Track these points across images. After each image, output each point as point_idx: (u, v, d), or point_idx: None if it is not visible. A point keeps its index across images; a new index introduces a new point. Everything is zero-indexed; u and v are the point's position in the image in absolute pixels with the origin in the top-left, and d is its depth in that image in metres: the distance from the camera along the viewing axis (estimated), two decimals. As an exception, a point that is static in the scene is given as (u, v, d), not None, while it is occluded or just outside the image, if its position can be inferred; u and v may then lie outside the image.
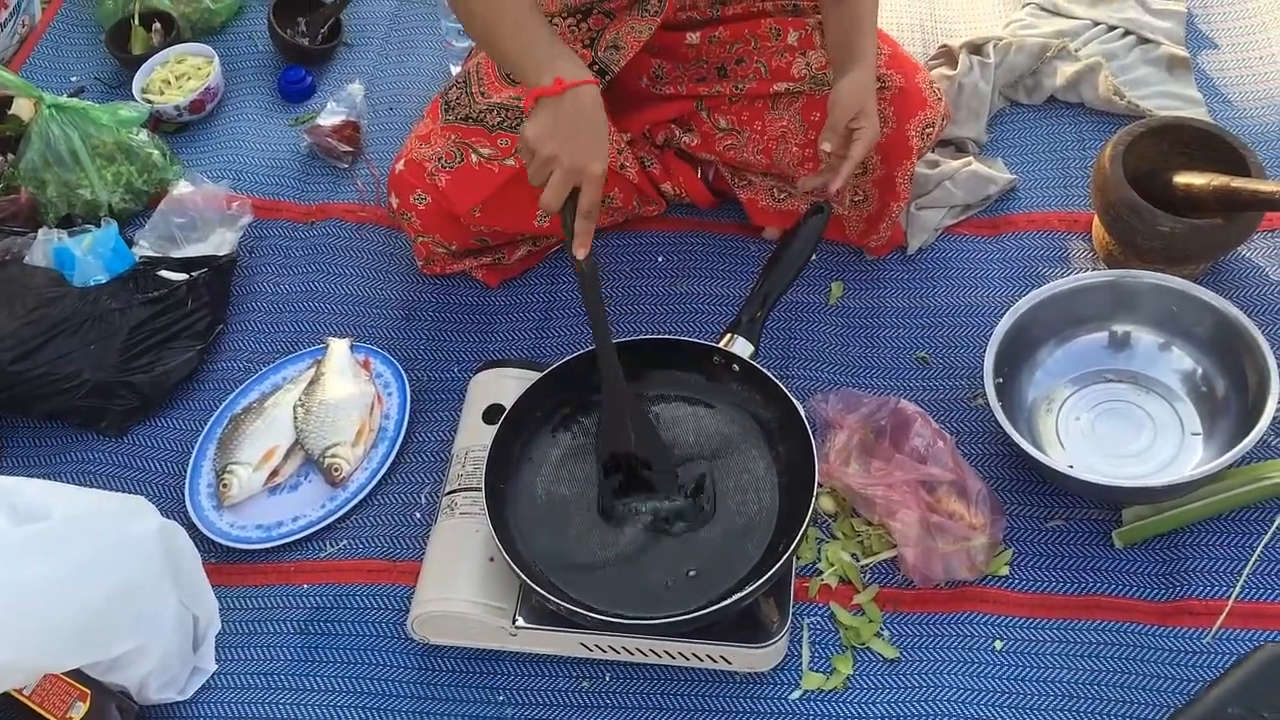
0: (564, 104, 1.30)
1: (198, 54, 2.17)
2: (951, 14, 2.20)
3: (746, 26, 1.77)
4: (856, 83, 1.53)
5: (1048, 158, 1.96)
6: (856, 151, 1.51)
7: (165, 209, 1.90)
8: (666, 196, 1.91)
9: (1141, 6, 2.09)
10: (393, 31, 2.29)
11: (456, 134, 1.68)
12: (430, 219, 1.72)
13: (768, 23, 1.76)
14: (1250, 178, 1.63)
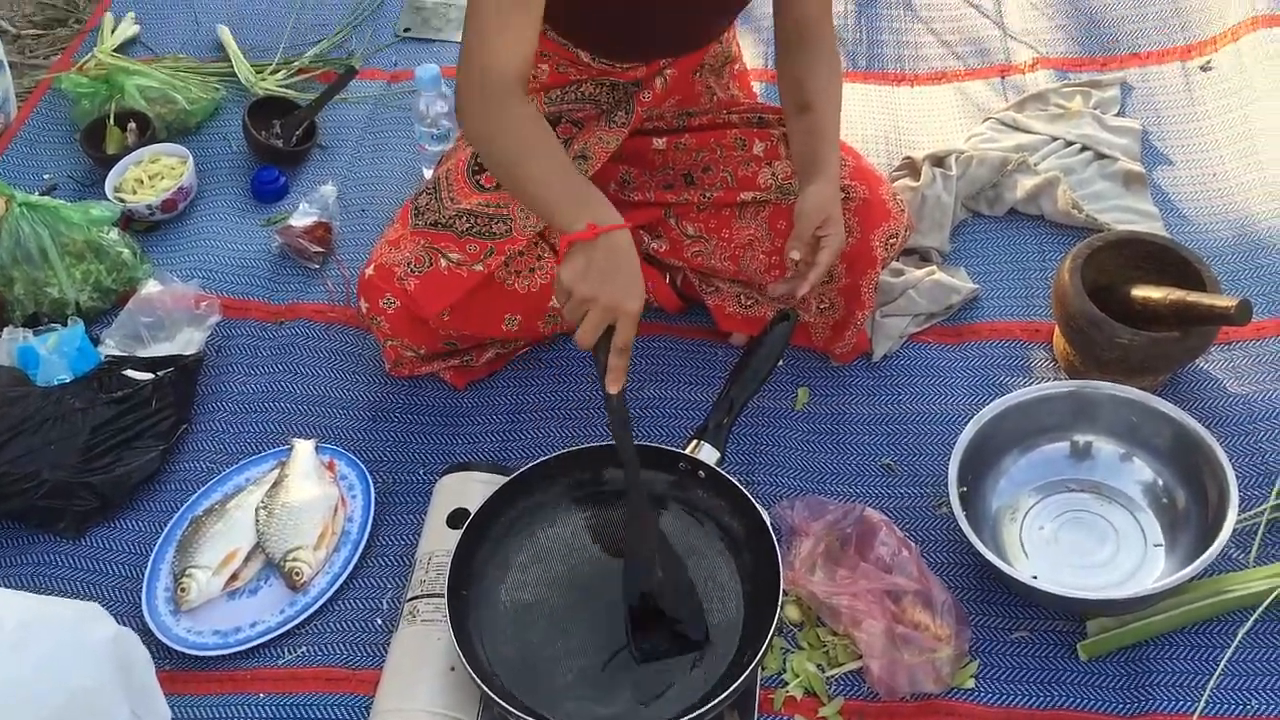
0: (598, 248, 1.33)
1: (172, 154, 2.19)
2: (915, 127, 2.25)
3: (712, 136, 1.82)
4: (822, 192, 1.56)
5: (1009, 268, 1.99)
6: (823, 259, 1.54)
7: (133, 308, 1.90)
8: None
9: (1098, 123, 2.16)
10: (367, 135, 2.32)
11: (426, 239, 1.70)
12: (399, 322, 1.73)
13: (733, 133, 1.80)
14: (1206, 292, 1.67)
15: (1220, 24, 2.29)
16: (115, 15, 2.53)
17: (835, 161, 1.61)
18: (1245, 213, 2.01)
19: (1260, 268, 1.92)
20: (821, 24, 1.69)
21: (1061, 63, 2.32)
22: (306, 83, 2.41)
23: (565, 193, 1.40)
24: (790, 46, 1.70)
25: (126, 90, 2.25)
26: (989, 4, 2.47)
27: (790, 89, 1.69)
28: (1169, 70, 2.26)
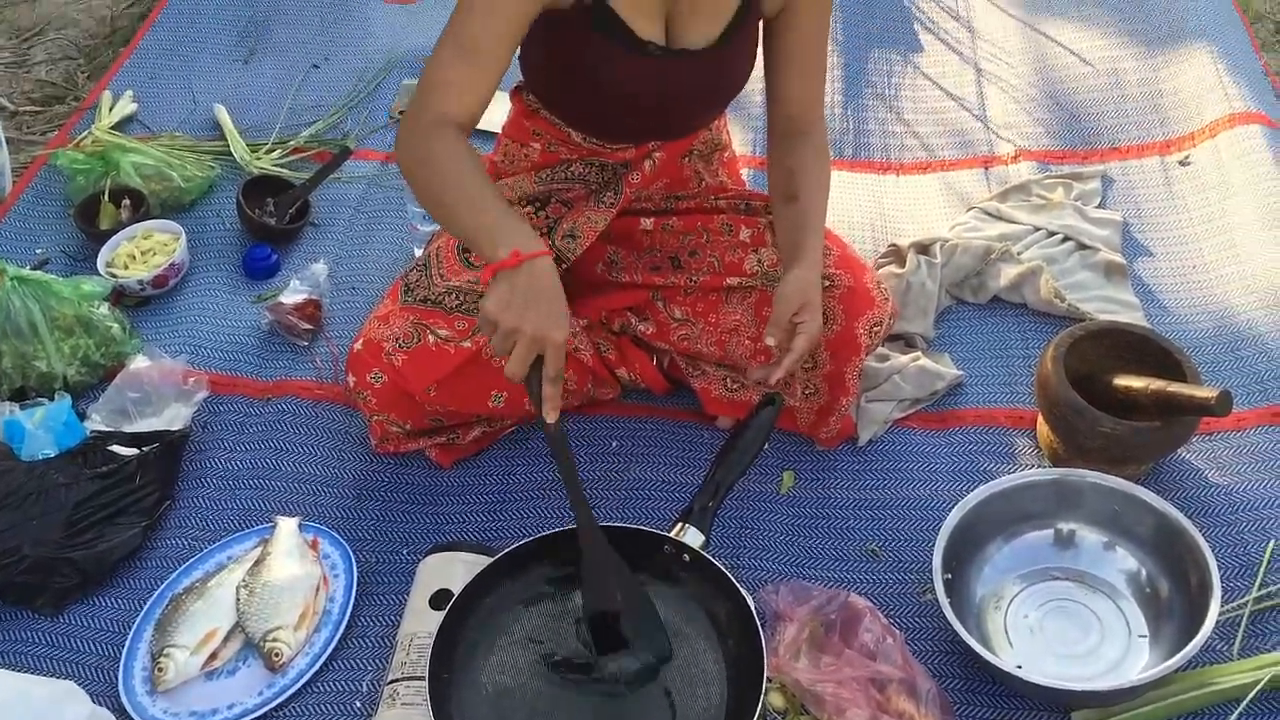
0: (520, 275, 1.33)
1: (165, 230, 2.21)
2: (900, 215, 2.29)
3: (699, 220, 1.84)
4: (801, 279, 1.58)
5: (993, 355, 2.01)
6: (799, 345, 1.55)
7: (120, 383, 1.90)
8: (622, 382, 1.94)
9: (1080, 215, 2.19)
10: (359, 213, 2.34)
11: (415, 315, 1.71)
12: (386, 398, 1.73)
13: (720, 219, 1.83)
14: (1187, 383, 1.69)
15: (1198, 120, 2.34)
16: (114, 93, 2.57)
17: (818, 249, 1.63)
18: (1225, 305, 2.04)
19: (1240, 359, 1.94)
20: (812, 116, 1.73)
21: (1043, 155, 2.36)
22: (301, 162, 2.44)
23: (491, 221, 1.39)
24: (781, 137, 1.73)
25: (122, 167, 2.27)
26: (972, 97, 2.53)
27: (779, 178, 1.72)
28: (1149, 164, 2.31)
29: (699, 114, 1.79)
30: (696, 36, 1.60)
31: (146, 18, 2.84)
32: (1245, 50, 2.52)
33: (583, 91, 1.67)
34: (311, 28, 2.81)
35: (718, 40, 1.61)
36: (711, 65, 1.64)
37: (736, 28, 1.62)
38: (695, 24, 1.60)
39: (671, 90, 1.65)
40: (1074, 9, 2.69)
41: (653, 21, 1.58)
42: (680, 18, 1.59)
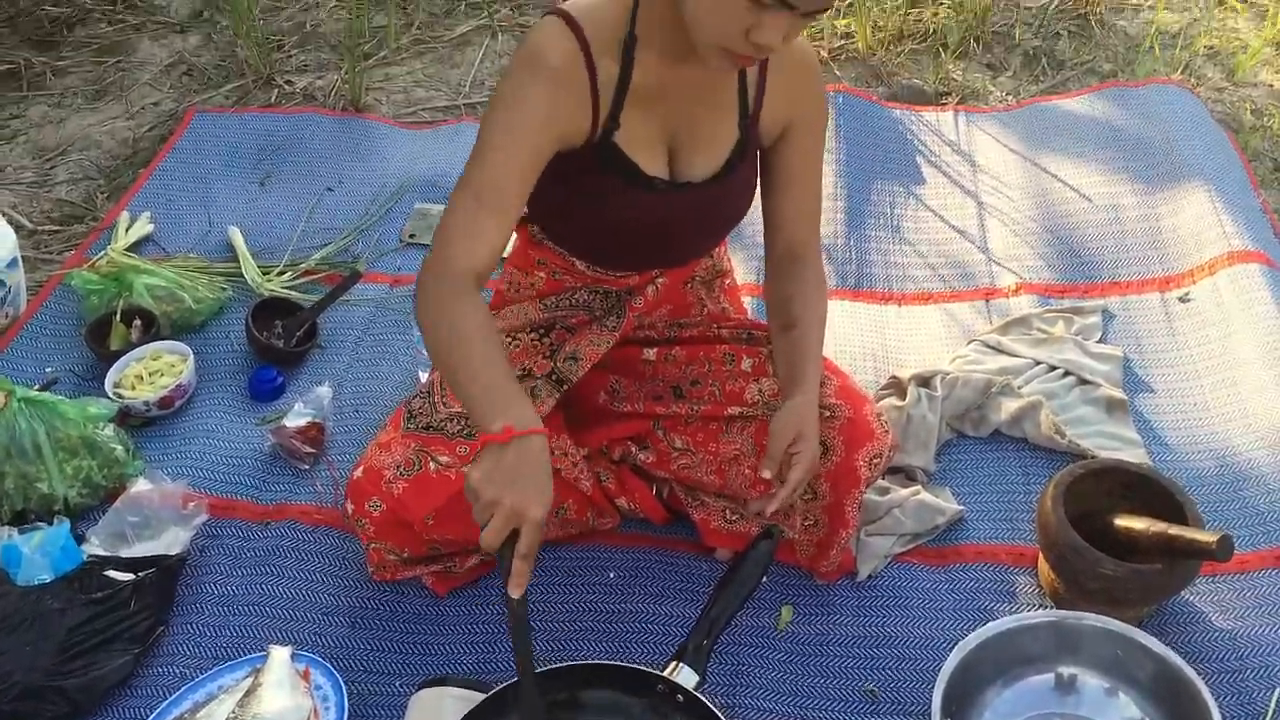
0: (509, 451, 1.35)
1: (173, 351, 2.23)
2: (902, 345, 2.31)
3: (702, 349, 1.86)
4: (796, 409, 1.59)
5: (994, 490, 2.01)
6: (793, 476, 1.56)
7: (120, 507, 1.91)
8: (621, 511, 1.94)
9: (1080, 349, 2.21)
10: (366, 337, 2.37)
11: (417, 442, 1.72)
12: (384, 526, 1.73)
13: (722, 349, 1.85)
14: (1188, 525, 1.68)
15: (1197, 257, 2.36)
16: (131, 214, 2.62)
17: (814, 379, 1.64)
18: (1226, 443, 2.03)
19: (1243, 500, 1.93)
20: (810, 247, 1.77)
21: (1044, 288, 2.38)
22: (312, 284, 2.48)
23: (489, 391, 1.40)
24: (779, 267, 1.76)
25: (135, 288, 2.31)
26: (974, 229, 2.56)
27: (776, 308, 1.74)
28: (1149, 300, 2.33)
29: (702, 242, 1.83)
30: (698, 169, 1.65)
31: (168, 140, 2.90)
32: (1244, 188, 2.56)
33: (589, 224, 1.70)
34: (327, 152, 2.87)
35: (719, 172, 1.65)
36: (713, 196, 1.68)
37: (736, 159, 1.66)
38: (697, 158, 1.64)
39: (676, 222, 1.69)
40: (1073, 144, 2.74)
41: (657, 157, 1.63)
42: (683, 152, 1.64)
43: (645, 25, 1.53)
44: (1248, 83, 3.03)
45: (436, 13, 3.42)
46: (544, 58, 1.51)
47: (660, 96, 1.58)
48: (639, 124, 1.59)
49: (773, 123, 1.67)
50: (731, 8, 1.37)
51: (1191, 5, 3.33)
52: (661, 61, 1.55)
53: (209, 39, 3.33)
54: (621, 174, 1.61)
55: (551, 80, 1.51)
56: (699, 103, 1.62)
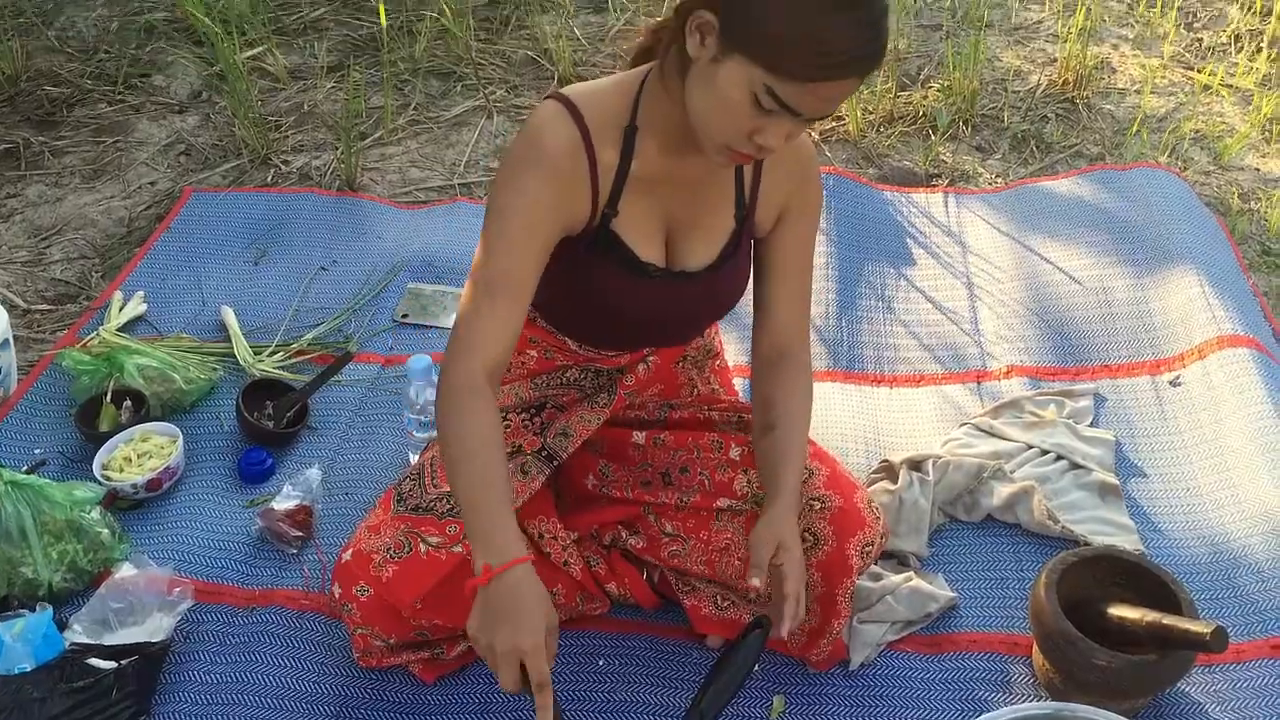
0: (491, 593, 1.39)
1: (163, 433, 2.22)
2: (893, 428, 2.30)
3: (691, 435, 1.86)
4: (774, 520, 1.60)
5: (987, 577, 1.99)
6: (790, 589, 1.56)
7: (105, 593, 1.88)
8: (611, 596, 1.92)
9: (1072, 433, 2.20)
10: (357, 418, 2.36)
11: (407, 524, 1.71)
12: (371, 611, 1.71)
13: (711, 435, 1.85)
14: (1182, 615, 1.66)
15: (1187, 341, 2.37)
16: (125, 293, 2.63)
17: (793, 487, 1.64)
18: (1220, 530, 2.02)
19: (1237, 587, 1.92)
20: (798, 340, 1.76)
21: (1035, 371, 2.39)
22: (304, 364, 2.48)
23: (478, 519, 1.43)
24: (765, 365, 1.76)
25: (126, 369, 2.30)
26: (964, 312, 2.57)
27: (760, 407, 1.74)
28: (1140, 383, 2.33)
29: (695, 327, 1.84)
30: (694, 259, 1.66)
31: (164, 219, 2.92)
32: (1233, 272, 2.58)
33: (584, 307, 1.71)
34: (322, 231, 2.88)
35: (714, 262, 1.66)
36: (708, 285, 1.68)
37: (731, 249, 1.67)
38: (693, 247, 1.66)
39: (670, 309, 1.70)
40: (1062, 227, 2.76)
41: (654, 244, 1.64)
42: (680, 240, 1.65)
43: (647, 115, 1.55)
44: (1234, 166, 3.07)
45: (433, 94, 3.47)
46: (545, 146, 1.52)
47: (659, 185, 1.60)
48: (637, 211, 1.61)
49: (767, 214, 1.69)
50: (738, 111, 1.39)
51: (1177, 90, 3.38)
52: (662, 151, 1.57)
53: (207, 119, 3.37)
54: (618, 260, 1.62)
55: (553, 169, 1.52)
56: (697, 192, 1.63)
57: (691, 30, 1.40)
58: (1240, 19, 3.65)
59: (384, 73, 3.50)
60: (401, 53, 3.61)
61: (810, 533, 1.69)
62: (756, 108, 1.37)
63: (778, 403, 1.71)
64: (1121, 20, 3.72)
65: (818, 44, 1.31)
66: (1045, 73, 3.44)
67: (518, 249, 1.52)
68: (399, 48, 3.63)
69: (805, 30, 1.31)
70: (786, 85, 1.34)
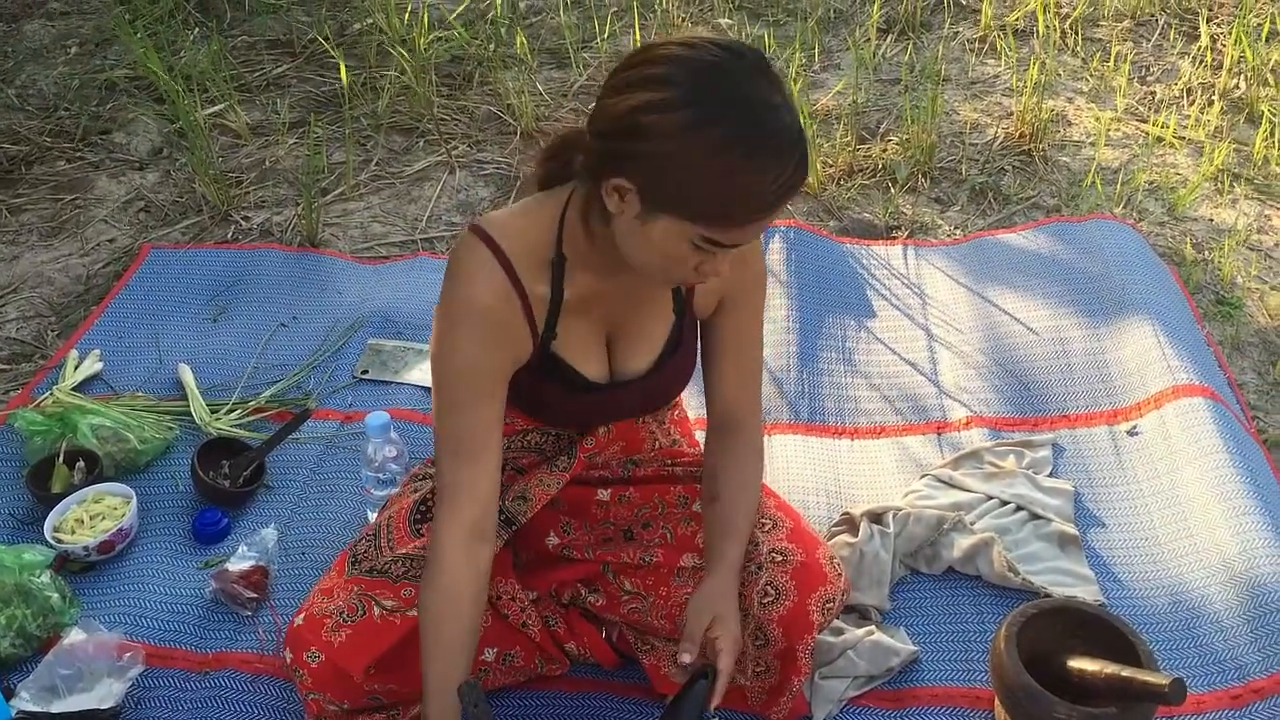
0: None
1: (116, 494, 2.19)
2: (854, 480, 2.30)
3: (656, 491, 1.85)
4: (712, 591, 1.60)
5: (948, 629, 1.98)
6: (724, 663, 1.54)
7: (52, 659, 1.85)
8: (570, 656, 1.90)
9: (1031, 483, 2.21)
10: (315, 476, 2.34)
11: (361, 586, 1.69)
12: (322, 677, 1.68)
13: (677, 490, 1.85)
14: (1141, 667, 1.66)
15: (1143, 391, 2.38)
16: (80, 352, 2.60)
17: (734, 560, 1.64)
18: (1179, 580, 2.03)
19: (1197, 637, 1.92)
20: (746, 413, 1.78)
21: (994, 421, 2.40)
22: (261, 422, 2.45)
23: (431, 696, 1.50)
24: (716, 433, 1.78)
25: (79, 429, 2.28)
26: (924, 362, 2.58)
27: (707, 476, 1.76)
28: (1098, 433, 2.34)
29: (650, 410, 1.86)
30: (636, 364, 1.70)
31: (122, 276, 2.90)
32: (1187, 321, 2.60)
33: (541, 414, 1.75)
34: (282, 287, 2.87)
35: (658, 361, 1.69)
36: (653, 384, 1.72)
37: (673, 346, 1.70)
38: (635, 354, 1.69)
39: (618, 412, 1.76)
40: (1019, 278, 2.79)
41: (596, 359, 1.67)
42: (620, 349, 1.69)
43: (572, 246, 1.56)
44: (1188, 217, 3.11)
45: (395, 149, 3.48)
46: (475, 299, 1.54)
47: (595, 303, 1.62)
48: (577, 331, 1.63)
49: (707, 301, 1.70)
50: (678, 257, 1.42)
51: (1131, 142, 3.44)
52: (595, 277, 1.58)
53: (168, 176, 3.36)
54: (562, 380, 1.65)
55: (487, 321, 1.54)
56: (634, 302, 1.66)
57: (609, 192, 1.41)
58: (1192, 72, 3.72)
59: (346, 129, 3.51)
60: (364, 109, 3.62)
61: (772, 586, 1.68)
62: (696, 251, 1.40)
63: (723, 475, 1.73)
64: (1076, 74, 3.78)
65: (740, 195, 1.34)
66: (1002, 126, 3.49)
67: (470, 407, 1.56)
68: (361, 104, 3.64)
69: (724, 186, 1.34)
70: (721, 231, 1.38)
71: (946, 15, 4.09)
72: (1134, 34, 4.00)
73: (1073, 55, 3.88)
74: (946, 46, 3.91)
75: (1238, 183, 3.22)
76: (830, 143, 3.36)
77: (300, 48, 3.92)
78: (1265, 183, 3.23)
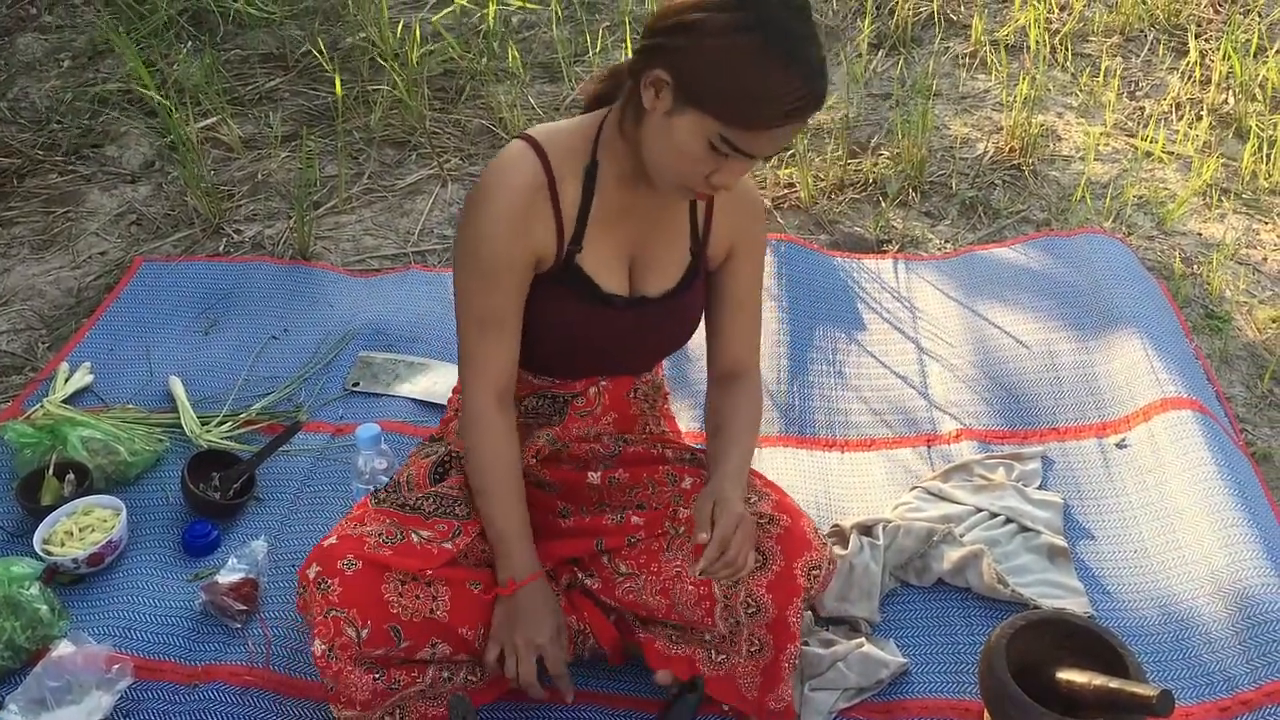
0: (514, 601, 1.71)
1: (106, 506, 2.19)
2: (845, 492, 2.30)
3: (645, 470, 1.90)
4: (711, 488, 1.68)
5: (938, 641, 1.99)
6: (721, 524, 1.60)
7: (41, 671, 1.84)
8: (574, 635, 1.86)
9: (1021, 496, 2.21)
10: (305, 488, 2.33)
11: (393, 518, 1.74)
12: (354, 590, 1.61)
13: (665, 468, 1.90)
14: (1130, 678, 1.66)
15: (1132, 404, 2.39)
16: (71, 364, 2.60)
17: (737, 465, 1.74)
18: (1168, 592, 2.03)
19: (1185, 649, 1.92)
20: (749, 364, 1.89)
21: (984, 434, 2.40)
22: (252, 434, 2.45)
23: (505, 538, 1.72)
24: (720, 382, 1.87)
25: (69, 441, 2.27)
26: (915, 375, 2.59)
27: (713, 416, 1.86)
28: (1087, 446, 2.35)
29: (649, 356, 1.91)
30: (654, 287, 1.76)
31: (113, 289, 2.90)
32: (1175, 335, 2.61)
33: (547, 338, 1.77)
34: (273, 300, 2.87)
35: (674, 289, 1.77)
36: (667, 311, 1.79)
37: (689, 279, 1.78)
38: (653, 277, 1.76)
39: (629, 335, 1.79)
40: (1009, 292, 2.80)
41: (616, 275, 1.74)
42: (640, 270, 1.76)
43: (607, 152, 1.66)
44: (1177, 231, 3.13)
45: (387, 162, 3.48)
46: (507, 183, 1.63)
47: (620, 218, 1.70)
48: (601, 244, 1.70)
49: (719, 249, 1.80)
50: (695, 158, 1.51)
51: (1120, 157, 3.45)
52: (621, 186, 1.67)
53: (160, 189, 3.36)
54: (583, 292, 1.71)
55: (515, 203, 1.63)
56: (655, 225, 1.74)
57: (646, 86, 1.51)
58: (1180, 88, 3.74)
59: (339, 142, 3.51)
60: (356, 122, 3.63)
61: (759, 551, 1.72)
62: (712, 153, 1.50)
63: (727, 408, 1.83)
64: (1065, 89, 3.80)
65: (767, 96, 1.44)
66: (992, 140, 3.50)
67: (495, 283, 1.65)
68: (354, 117, 3.65)
69: (755, 85, 1.44)
70: (740, 133, 1.47)
71: (937, 31, 4.11)
72: (1123, 49, 4.03)
73: (1062, 70, 3.90)
74: (937, 61, 3.93)
75: (1226, 197, 3.24)
76: (822, 156, 3.37)
77: (293, 61, 3.93)
78: (1253, 197, 3.25)
